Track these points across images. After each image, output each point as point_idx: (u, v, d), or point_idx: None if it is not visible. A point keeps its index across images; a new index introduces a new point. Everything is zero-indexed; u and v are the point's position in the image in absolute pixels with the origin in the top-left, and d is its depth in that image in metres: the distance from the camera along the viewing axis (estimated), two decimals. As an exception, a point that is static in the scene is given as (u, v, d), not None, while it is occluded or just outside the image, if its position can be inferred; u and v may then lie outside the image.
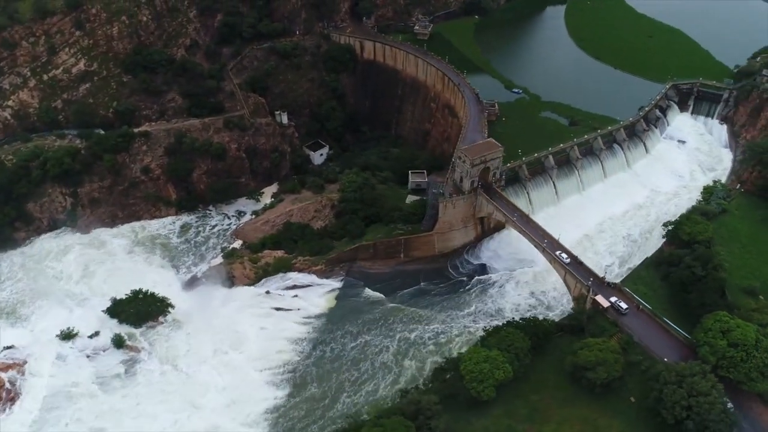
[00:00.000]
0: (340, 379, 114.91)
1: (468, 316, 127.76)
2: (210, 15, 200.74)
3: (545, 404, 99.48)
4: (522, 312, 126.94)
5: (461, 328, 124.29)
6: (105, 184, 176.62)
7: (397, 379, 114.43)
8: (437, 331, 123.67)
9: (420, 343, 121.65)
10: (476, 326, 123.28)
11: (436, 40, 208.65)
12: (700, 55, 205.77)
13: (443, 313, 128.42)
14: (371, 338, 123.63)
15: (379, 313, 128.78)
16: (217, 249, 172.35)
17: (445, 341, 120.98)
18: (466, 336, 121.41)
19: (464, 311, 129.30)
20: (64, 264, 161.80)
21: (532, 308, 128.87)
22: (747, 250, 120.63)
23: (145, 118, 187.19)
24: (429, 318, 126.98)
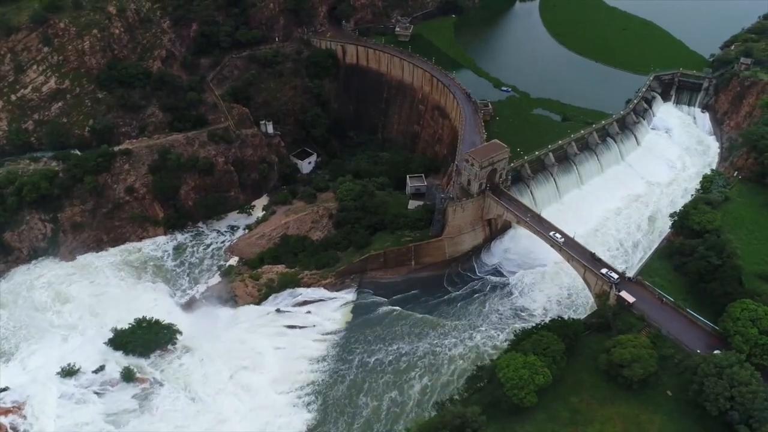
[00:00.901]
0: (371, 396, 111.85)
1: (490, 321, 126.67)
2: (184, 25, 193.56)
3: (585, 405, 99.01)
4: (542, 312, 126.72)
5: (485, 333, 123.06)
6: (87, 207, 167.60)
7: (430, 391, 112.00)
8: (462, 339, 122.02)
9: (446, 353, 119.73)
10: (500, 330, 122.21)
11: (418, 41, 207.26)
12: (675, 45, 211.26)
13: (464, 320, 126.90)
14: (395, 351, 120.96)
15: (398, 325, 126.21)
16: (213, 267, 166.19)
17: (471, 348, 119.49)
18: (492, 341, 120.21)
19: (485, 316, 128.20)
20: (50, 294, 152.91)
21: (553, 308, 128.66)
22: (755, 236, 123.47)
23: (124, 136, 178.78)
24: (450, 325, 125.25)
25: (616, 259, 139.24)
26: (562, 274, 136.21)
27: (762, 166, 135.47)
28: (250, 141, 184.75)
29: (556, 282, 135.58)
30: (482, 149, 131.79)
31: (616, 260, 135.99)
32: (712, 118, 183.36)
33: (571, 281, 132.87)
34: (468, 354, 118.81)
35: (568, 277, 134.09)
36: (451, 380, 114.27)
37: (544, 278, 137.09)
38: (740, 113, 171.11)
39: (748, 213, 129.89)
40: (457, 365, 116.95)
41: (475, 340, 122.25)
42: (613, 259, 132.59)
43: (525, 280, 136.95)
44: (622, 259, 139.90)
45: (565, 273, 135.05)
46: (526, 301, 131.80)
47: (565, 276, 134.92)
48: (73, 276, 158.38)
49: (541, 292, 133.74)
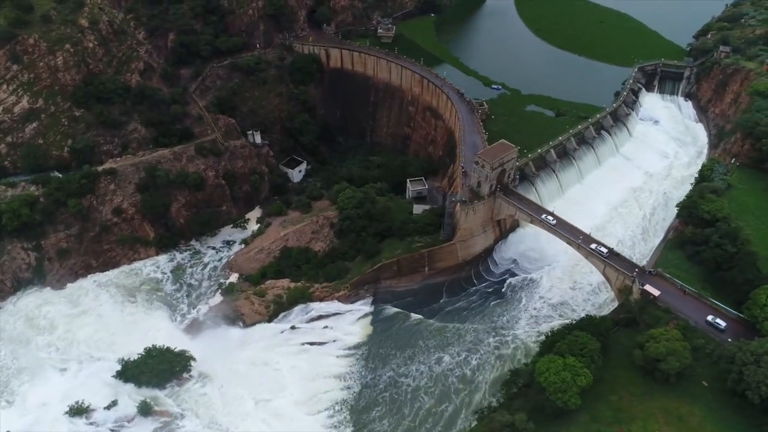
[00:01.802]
0: (406, 410, 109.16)
1: (511, 323, 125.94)
2: (161, 35, 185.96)
3: (626, 402, 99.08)
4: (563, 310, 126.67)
5: (510, 335, 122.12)
6: (72, 232, 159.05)
7: (467, 400, 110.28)
8: (487, 343, 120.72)
9: (473, 358, 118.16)
10: (524, 331, 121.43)
11: (401, 42, 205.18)
12: (651, 36, 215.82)
13: (487, 324, 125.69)
14: (421, 361, 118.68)
15: (420, 333, 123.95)
16: (213, 286, 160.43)
17: (501, 352, 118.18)
18: (518, 343, 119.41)
19: (506, 318, 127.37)
20: (41, 326, 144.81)
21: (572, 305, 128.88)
22: (762, 222, 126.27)
23: (106, 154, 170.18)
24: (474, 331, 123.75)
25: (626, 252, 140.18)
26: (576, 271, 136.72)
27: (760, 152, 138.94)
28: (240, 152, 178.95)
29: (571, 279, 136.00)
30: (492, 150, 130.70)
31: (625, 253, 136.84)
32: (695, 105, 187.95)
33: (586, 277, 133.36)
34: (496, 358, 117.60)
35: (584, 272, 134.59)
36: (484, 387, 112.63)
37: (559, 276, 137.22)
38: (724, 100, 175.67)
39: (751, 199, 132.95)
40: (488, 370, 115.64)
41: (500, 343, 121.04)
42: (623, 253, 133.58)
43: (540, 278, 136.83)
44: (631, 252, 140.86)
45: (580, 269, 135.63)
46: (545, 300, 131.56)
47: (581, 272, 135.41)
48: (63, 305, 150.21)
49: (559, 289, 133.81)
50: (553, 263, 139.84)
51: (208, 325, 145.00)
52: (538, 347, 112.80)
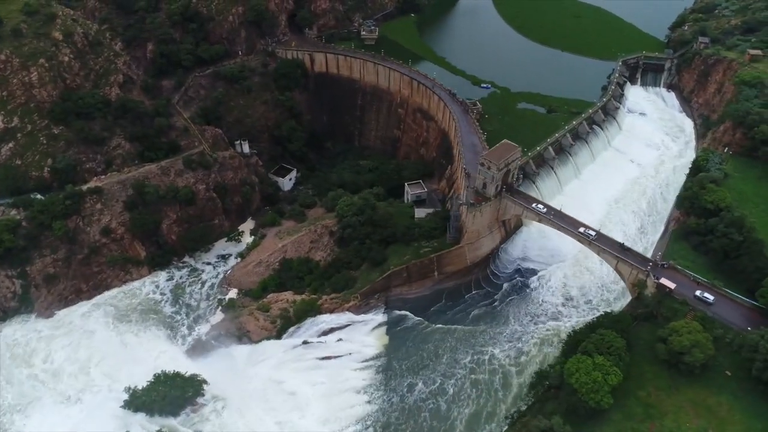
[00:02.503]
0: (435, 421, 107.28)
1: (527, 323, 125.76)
2: (139, 45, 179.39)
3: (655, 397, 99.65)
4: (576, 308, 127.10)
5: (527, 336, 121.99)
6: (59, 256, 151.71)
7: (495, 405, 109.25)
8: (508, 345, 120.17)
9: (495, 362, 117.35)
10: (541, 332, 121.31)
11: (385, 44, 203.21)
12: (629, 29, 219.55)
13: (501, 325, 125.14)
14: (443, 369, 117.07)
15: (438, 340, 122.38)
16: (212, 303, 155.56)
17: (518, 354, 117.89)
18: (535, 342, 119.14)
19: (520, 318, 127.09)
20: (35, 357, 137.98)
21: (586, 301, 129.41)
22: (761, 210, 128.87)
23: (89, 173, 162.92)
24: (492, 334, 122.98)
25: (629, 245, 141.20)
26: (584, 267, 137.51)
27: (753, 141, 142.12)
28: (229, 163, 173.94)
29: (581, 275, 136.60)
30: (497, 151, 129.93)
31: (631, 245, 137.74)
32: (678, 96, 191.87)
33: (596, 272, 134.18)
34: (518, 360, 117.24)
35: (592, 268, 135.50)
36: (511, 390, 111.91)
37: (567, 272, 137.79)
38: (708, 90, 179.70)
39: (748, 187, 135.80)
40: (512, 373, 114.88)
41: (518, 344, 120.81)
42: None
43: (549, 277, 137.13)
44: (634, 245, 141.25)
45: (588, 265, 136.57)
46: (557, 299, 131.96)
47: (589, 268, 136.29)
48: (56, 334, 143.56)
49: (570, 287, 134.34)
50: (560, 260, 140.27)
51: (212, 345, 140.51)
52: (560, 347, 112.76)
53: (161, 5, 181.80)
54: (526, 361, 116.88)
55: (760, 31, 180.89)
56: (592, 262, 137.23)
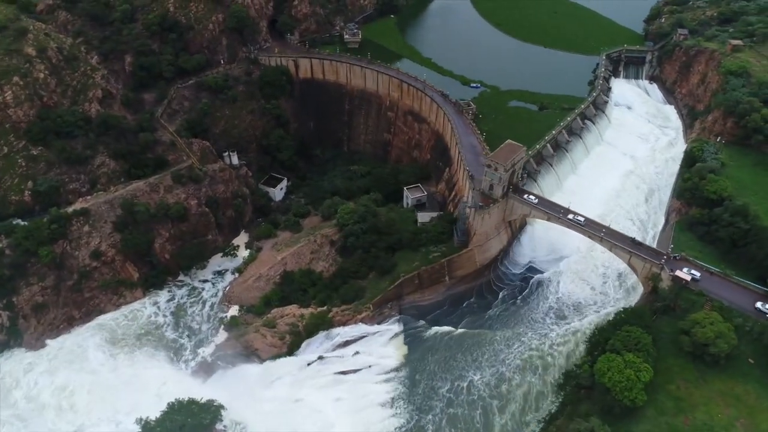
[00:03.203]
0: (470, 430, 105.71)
1: (544, 322, 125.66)
2: (116, 58, 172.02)
3: (684, 390, 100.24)
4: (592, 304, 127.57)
5: (546, 335, 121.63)
6: (48, 283, 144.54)
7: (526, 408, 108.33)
8: (527, 347, 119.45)
9: (519, 364, 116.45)
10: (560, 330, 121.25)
11: (368, 47, 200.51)
12: (606, 23, 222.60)
13: (523, 326, 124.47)
14: (467, 376, 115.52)
15: (458, 346, 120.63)
16: (213, 322, 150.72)
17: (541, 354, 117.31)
18: (556, 341, 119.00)
19: (537, 318, 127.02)
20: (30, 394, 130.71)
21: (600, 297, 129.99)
22: (761, 197, 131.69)
23: (73, 194, 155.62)
24: (512, 336, 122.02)
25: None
26: (592, 262, 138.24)
27: (745, 130, 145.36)
28: (220, 176, 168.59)
29: (591, 270, 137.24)
30: (503, 152, 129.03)
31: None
32: (661, 88, 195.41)
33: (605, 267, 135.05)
34: (541, 361, 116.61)
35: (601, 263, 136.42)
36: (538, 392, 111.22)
37: (577, 268, 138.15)
38: (691, 81, 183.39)
39: (745, 175, 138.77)
40: (537, 375, 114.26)
41: (540, 344, 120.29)
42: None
43: (560, 274, 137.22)
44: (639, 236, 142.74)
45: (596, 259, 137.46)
46: (571, 295, 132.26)
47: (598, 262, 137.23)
48: (51, 366, 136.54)
49: (582, 282, 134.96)
50: (567, 256, 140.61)
51: (220, 366, 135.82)
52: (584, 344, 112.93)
53: (137, 16, 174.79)
54: (551, 360, 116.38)
55: (736, 21, 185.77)
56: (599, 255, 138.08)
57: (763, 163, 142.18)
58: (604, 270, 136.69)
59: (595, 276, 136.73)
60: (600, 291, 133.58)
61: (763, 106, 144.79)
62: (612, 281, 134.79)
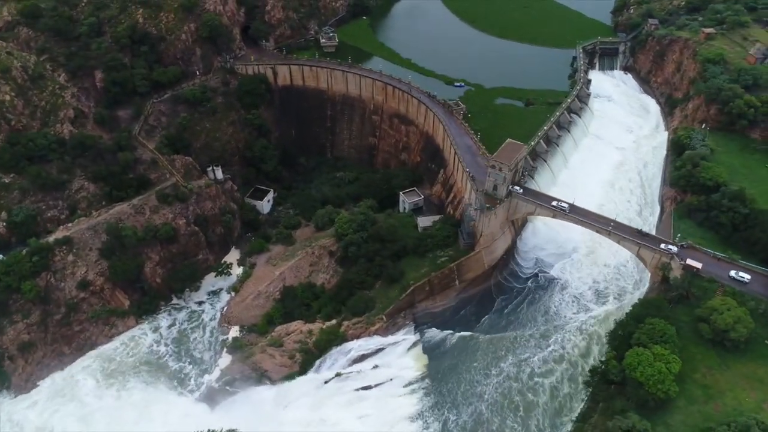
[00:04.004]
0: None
1: (561, 318, 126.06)
2: (86, 75, 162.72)
3: (710, 378, 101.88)
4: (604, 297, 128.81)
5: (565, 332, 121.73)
6: (33, 320, 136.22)
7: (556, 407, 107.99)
8: (548, 345, 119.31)
9: (542, 364, 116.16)
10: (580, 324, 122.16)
11: (345, 50, 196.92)
12: (575, 16, 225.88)
13: (538, 325, 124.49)
14: (493, 381, 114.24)
15: (479, 351, 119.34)
16: (215, 346, 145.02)
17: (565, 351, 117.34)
18: (579, 338, 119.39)
19: (552, 315, 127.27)
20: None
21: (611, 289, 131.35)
22: (752, 180, 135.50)
23: (53, 222, 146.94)
24: (532, 336, 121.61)
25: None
26: (598, 254, 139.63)
27: (729, 116, 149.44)
28: (206, 192, 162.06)
29: (598, 263, 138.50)
30: (505, 152, 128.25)
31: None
32: (635, 77, 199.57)
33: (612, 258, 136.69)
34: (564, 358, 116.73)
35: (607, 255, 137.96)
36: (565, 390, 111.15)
37: (583, 263, 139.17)
38: (666, 69, 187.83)
39: (734, 160, 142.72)
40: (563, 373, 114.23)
41: (560, 342, 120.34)
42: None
43: (568, 269, 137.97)
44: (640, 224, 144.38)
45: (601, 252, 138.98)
46: (582, 290, 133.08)
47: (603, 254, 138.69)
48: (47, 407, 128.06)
49: (590, 276, 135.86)
50: (573, 250, 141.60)
51: (228, 391, 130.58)
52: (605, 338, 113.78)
53: (105, 29, 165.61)
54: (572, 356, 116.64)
55: (704, 9, 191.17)
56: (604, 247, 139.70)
57: (749, 148, 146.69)
58: (610, 261, 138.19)
59: (602, 268, 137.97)
60: (608, 283, 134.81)
61: (744, 92, 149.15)
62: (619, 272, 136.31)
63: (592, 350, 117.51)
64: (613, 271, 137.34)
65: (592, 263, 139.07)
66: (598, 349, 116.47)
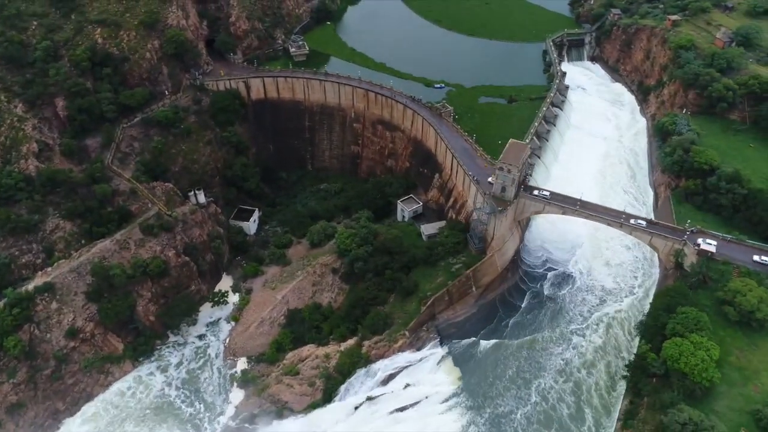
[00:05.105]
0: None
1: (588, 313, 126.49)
2: (46, 104, 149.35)
3: (743, 360, 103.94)
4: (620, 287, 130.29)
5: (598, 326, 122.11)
6: (20, 378, 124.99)
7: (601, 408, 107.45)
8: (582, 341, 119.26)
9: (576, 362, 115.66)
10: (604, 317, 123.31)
11: (316, 58, 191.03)
12: (535, 9, 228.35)
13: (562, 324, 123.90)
14: (532, 385, 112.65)
15: (511, 358, 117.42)
16: (223, 382, 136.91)
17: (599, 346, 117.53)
18: (609, 331, 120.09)
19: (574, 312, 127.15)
20: None
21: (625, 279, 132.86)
22: (740, 161, 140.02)
23: (28, 268, 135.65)
24: (558, 335, 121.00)
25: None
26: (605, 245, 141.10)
27: (709, 99, 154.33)
28: (192, 219, 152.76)
29: (606, 255, 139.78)
30: (511, 152, 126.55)
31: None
32: (603, 67, 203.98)
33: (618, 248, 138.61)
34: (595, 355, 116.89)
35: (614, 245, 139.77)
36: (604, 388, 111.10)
37: (593, 255, 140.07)
38: (634, 57, 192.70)
39: (719, 142, 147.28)
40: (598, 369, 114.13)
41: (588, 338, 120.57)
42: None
43: (579, 263, 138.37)
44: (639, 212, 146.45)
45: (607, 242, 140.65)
46: (598, 283, 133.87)
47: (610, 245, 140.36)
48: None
49: (603, 267, 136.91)
50: (578, 244, 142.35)
51: (248, 429, 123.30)
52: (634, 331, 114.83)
53: (62, 52, 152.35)
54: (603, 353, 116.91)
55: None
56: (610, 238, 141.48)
57: (731, 129, 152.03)
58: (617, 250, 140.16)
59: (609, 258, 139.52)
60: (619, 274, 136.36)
61: (721, 75, 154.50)
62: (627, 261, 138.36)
63: (621, 343, 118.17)
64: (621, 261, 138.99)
65: (599, 255, 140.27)
66: (627, 342, 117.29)
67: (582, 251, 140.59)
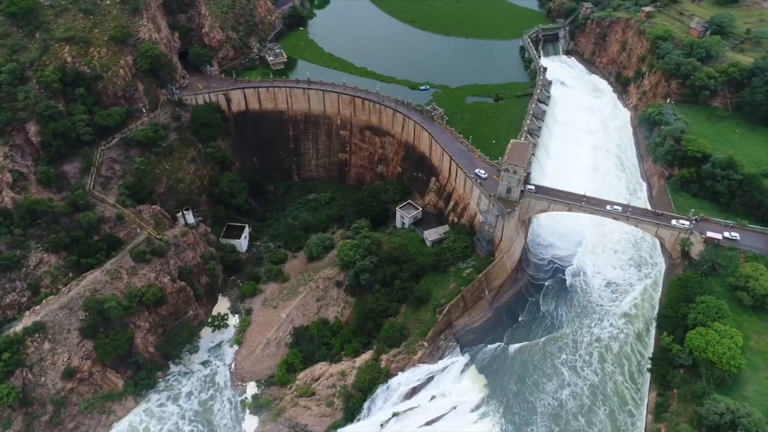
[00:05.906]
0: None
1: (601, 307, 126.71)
2: (16, 130, 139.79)
3: (763, 343, 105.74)
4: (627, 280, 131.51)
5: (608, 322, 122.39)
6: (17, 427, 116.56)
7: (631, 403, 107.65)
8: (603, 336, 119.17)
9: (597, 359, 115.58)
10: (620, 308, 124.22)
11: (296, 66, 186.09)
12: (506, 6, 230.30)
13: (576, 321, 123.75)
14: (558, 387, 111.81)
15: (532, 360, 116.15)
16: (233, 410, 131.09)
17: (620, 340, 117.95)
18: (626, 323, 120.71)
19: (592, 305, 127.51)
20: None
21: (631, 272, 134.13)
22: (728, 147, 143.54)
23: (13, 308, 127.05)
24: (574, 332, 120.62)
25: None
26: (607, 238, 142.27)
27: (692, 88, 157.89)
28: (183, 242, 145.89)
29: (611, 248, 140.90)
30: (515, 153, 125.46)
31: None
32: (579, 60, 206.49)
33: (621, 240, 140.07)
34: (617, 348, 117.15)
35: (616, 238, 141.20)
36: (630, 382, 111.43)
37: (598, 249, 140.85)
38: (610, 50, 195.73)
39: (706, 130, 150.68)
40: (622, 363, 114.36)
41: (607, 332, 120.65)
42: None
43: (585, 259, 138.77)
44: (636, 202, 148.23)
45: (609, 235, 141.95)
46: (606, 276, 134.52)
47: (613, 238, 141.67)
48: None
49: (609, 260, 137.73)
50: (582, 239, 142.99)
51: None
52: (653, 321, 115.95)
53: (29, 74, 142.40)
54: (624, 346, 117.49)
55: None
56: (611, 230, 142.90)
57: (714, 116, 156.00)
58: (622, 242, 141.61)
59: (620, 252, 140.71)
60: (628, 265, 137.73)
61: (701, 64, 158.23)
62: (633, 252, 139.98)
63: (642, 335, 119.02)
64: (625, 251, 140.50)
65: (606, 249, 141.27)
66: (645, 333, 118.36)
67: (588, 245, 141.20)
